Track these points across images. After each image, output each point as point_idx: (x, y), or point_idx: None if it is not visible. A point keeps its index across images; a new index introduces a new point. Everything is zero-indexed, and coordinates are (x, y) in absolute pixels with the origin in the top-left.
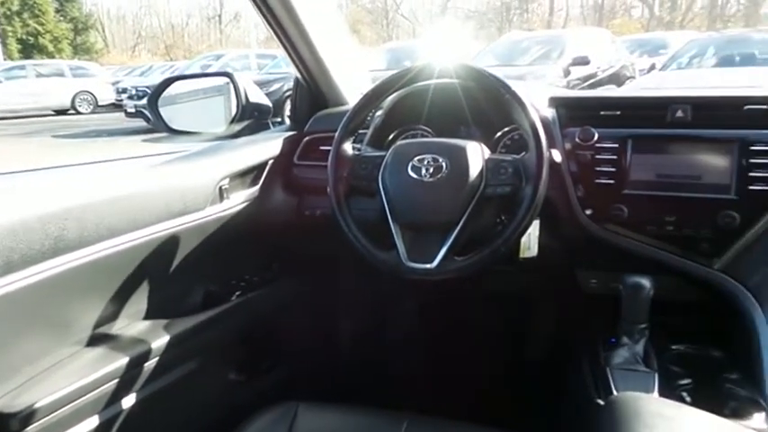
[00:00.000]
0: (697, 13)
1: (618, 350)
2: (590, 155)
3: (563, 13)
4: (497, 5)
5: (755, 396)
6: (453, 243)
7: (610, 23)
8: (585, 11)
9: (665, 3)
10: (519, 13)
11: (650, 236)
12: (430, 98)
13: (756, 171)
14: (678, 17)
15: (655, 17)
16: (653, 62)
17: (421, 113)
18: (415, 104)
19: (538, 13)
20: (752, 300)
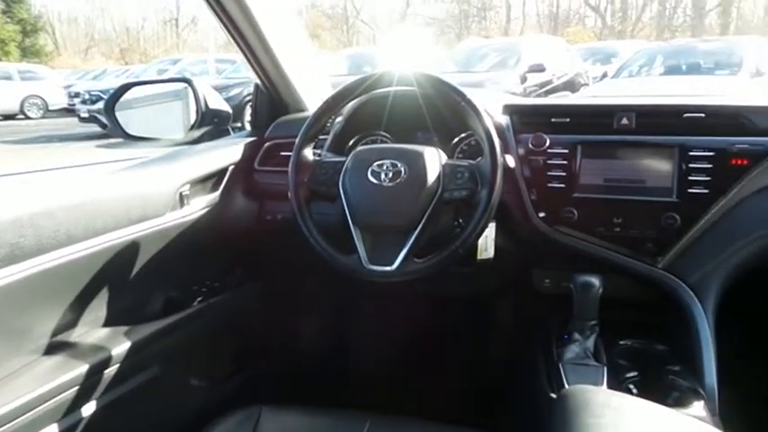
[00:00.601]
0: (646, 23)
1: (570, 346)
2: (542, 160)
3: (520, 21)
4: (456, 13)
5: (695, 386)
6: (413, 246)
7: (565, 32)
8: (541, 19)
9: (616, 13)
10: (477, 21)
11: (599, 237)
12: (389, 105)
13: (694, 175)
14: (629, 27)
15: (607, 26)
16: (605, 70)
17: (380, 120)
18: (375, 111)
19: (495, 21)
20: (692, 296)
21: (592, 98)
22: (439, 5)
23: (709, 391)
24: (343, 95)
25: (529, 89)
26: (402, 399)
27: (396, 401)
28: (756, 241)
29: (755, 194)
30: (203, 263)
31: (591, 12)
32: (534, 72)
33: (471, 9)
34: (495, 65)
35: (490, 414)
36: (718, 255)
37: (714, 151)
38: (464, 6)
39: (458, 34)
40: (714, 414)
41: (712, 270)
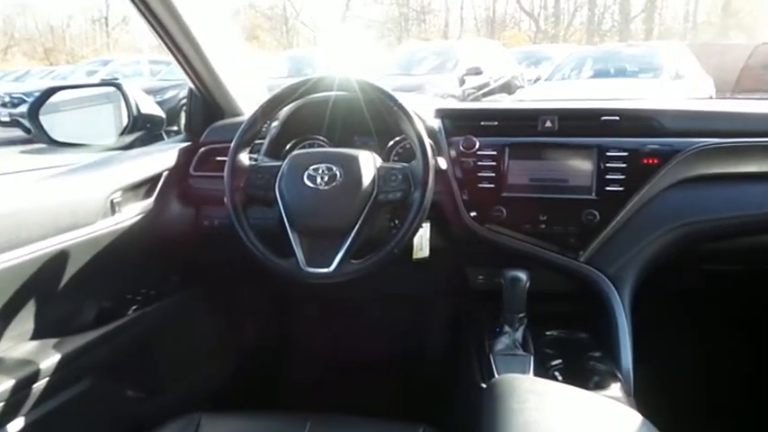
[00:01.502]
0: (577, 28)
1: (500, 338)
2: (473, 162)
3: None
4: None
5: (613, 369)
6: (349, 247)
7: (501, 35)
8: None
9: (549, 17)
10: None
11: (526, 233)
12: (325, 109)
13: (611, 174)
14: (561, 31)
15: (541, 30)
16: (539, 73)
17: (317, 124)
18: (312, 115)
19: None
20: (611, 287)
21: (518, 102)
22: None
23: (625, 374)
24: (279, 100)
25: (467, 91)
26: (344, 398)
27: (338, 401)
28: (667, 234)
29: (665, 191)
30: (138, 271)
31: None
32: (472, 75)
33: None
34: (435, 68)
35: (429, 407)
36: (634, 247)
37: (628, 151)
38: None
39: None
40: (629, 394)
41: (628, 262)
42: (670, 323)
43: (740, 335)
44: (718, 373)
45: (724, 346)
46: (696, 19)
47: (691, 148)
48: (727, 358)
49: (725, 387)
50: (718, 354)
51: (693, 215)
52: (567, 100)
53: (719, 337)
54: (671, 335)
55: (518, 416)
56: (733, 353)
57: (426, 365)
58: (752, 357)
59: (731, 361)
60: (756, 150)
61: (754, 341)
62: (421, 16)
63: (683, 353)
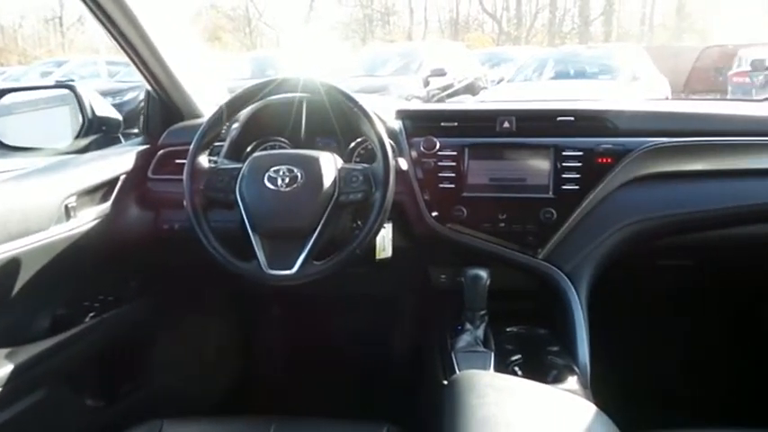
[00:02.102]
0: (539, 30)
1: (462, 335)
2: (433, 162)
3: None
4: (360, 17)
5: (571, 364)
6: (312, 249)
7: (465, 37)
8: (443, 25)
9: (511, 19)
10: (381, 25)
11: (486, 232)
12: (286, 111)
13: (567, 173)
14: (523, 33)
15: (503, 32)
16: (502, 74)
17: (278, 125)
18: (273, 117)
19: (399, 25)
20: (568, 283)
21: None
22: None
23: (582, 367)
24: (239, 101)
25: (432, 92)
26: (309, 399)
27: (303, 402)
28: (621, 231)
29: (619, 189)
30: (95, 277)
31: (488, 18)
32: (436, 76)
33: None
34: (399, 69)
35: (394, 406)
36: (589, 245)
37: (583, 151)
38: (367, 11)
39: (362, 38)
40: (586, 387)
41: (585, 259)
42: (626, 317)
43: (693, 327)
44: (671, 365)
45: (678, 339)
46: (652, 22)
47: (642, 148)
48: (680, 350)
49: (679, 378)
50: (672, 346)
51: (646, 212)
52: (525, 101)
53: (673, 330)
54: (627, 328)
55: (477, 411)
56: (687, 344)
57: (391, 365)
58: (705, 348)
59: (685, 352)
60: (704, 149)
61: (707, 333)
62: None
63: (639, 345)
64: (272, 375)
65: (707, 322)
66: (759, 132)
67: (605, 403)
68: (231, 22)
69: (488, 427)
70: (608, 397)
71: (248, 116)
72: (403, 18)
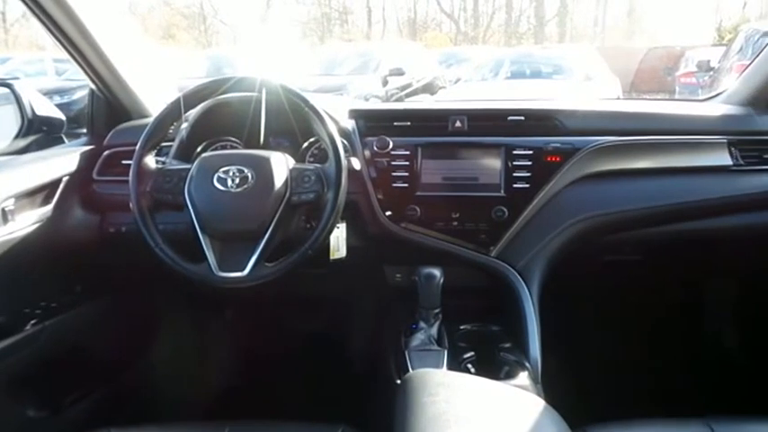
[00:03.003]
0: (496, 30)
1: (416, 334)
2: (386, 162)
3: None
4: (318, 16)
5: (522, 359)
6: (263, 250)
7: (423, 36)
8: (401, 24)
9: (468, 20)
10: (339, 24)
11: (440, 231)
12: (237, 110)
13: (518, 172)
14: (480, 33)
15: (461, 32)
16: (460, 74)
17: (229, 125)
18: (223, 116)
19: (357, 25)
20: (520, 280)
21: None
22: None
23: (533, 363)
24: (187, 100)
25: (390, 92)
26: (264, 402)
27: (258, 405)
28: (570, 228)
29: (568, 187)
30: (36, 283)
31: (446, 18)
32: (394, 75)
33: (333, 12)
34: (357, 68)
35: (349, 407)
36: (540, 242)
37: (532, 150)
38: (325, 10)
39: (321, 37)
40: (537, 382)
41: (536, 255)
42: (576, 312)
43: (641, 321)
44: (620, 358)
45: (627, 333)
46: (605, 23)
47: (589, 147)
48: (629, 344)
49: (627, 371)
50: (621, 340)
51: (594, 209)
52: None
53: (622, 325)
54: (577, 323)
55: (428, 409)
56: (634, 338)
57: (346, 365)
58: (652, 342)
59: (633, 346)
60: (649, 148)
61: (654, 327)
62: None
63: (588, 340)
64: (227, 378)
65: (654, 317)
66: (701, 131)
67: (555, 397)
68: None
69: (438, 424)
70: (558, 391)
71: (198, 115)
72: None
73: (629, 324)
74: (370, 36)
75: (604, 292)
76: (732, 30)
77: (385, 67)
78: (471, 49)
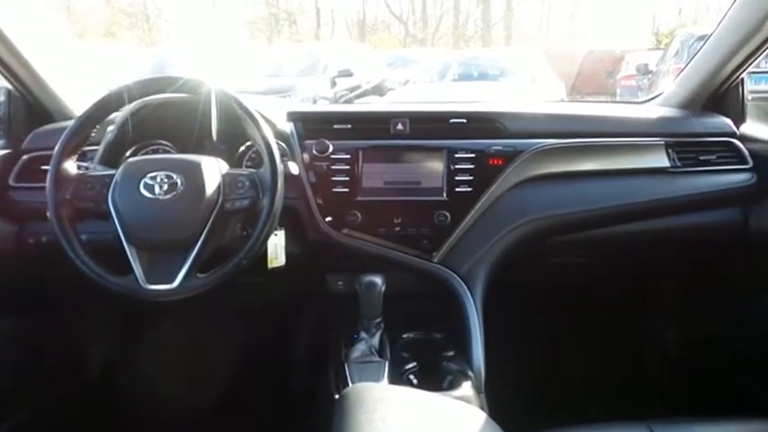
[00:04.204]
0: (444, 33)
1: (357, 345)
2: (326, 166)
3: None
4: (266, 15)
5: (465, 368)
6: (195, 260)
7: (372, 38)
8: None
9: (417, 22)
10: (288, 25)
11: (382, 237)
12: (170, 112)
13: (460, 175)
14: (429, 35)
15: (410, 34)
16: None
17: (161, 128)
18: (154, 119)
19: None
20: (463, 286)
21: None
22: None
23: (477, 372)
24: (111, 102)
25: (339, 93)
26: (199, 418)
27: (194, 423)
28: (514, 231)
29: (511, 190)
30: None
31: (395, 20)
32: (343, 77)
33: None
34: (305, 69)
35: (288, 423)
36: (484, 246)
37: (475, 153)
38: (273, 10)
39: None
40: (480, 392)
41: (479, 260)
42: (521, 317)
43: (586, 324)
44: (565, 362)
45: (571, 336)
46: (549, 26)
47: (532, 149)
48: (574, 347)
49: (573, 375)
50: (566, 343)
51: (537, 212)
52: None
53: (566, 328)
54: (522, 327)
55: (365, 427)
56: (580, 342)
57: (287, 379)
58: (597, 346)
59: (578, 349)
60: (592, 150)
61: (600, 330)
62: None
63: (533, 344)
64: (161, 394)
65: (598, 319)
66: (640, 133)
67: (499, 404)
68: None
69: None
70: (502, 398)
71: (126, 117)
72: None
73: (573, 327)
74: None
75: (549, 295)
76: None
77: (333, 69)
78: (420, 51)
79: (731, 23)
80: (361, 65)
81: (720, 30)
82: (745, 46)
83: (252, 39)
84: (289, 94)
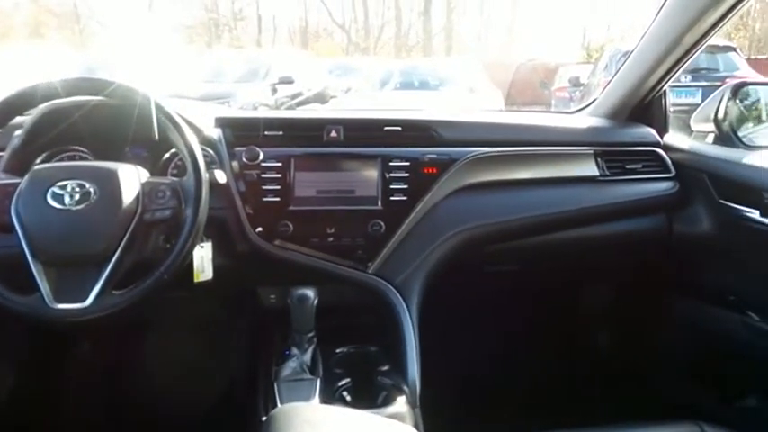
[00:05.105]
0: (386, 42)
1: (287, 362)
2: (256, 174)
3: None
4: (205, 20)
5: (400, 382)
6: (110, 276)
7: (314, 46)
8: (292, 33)
9: (360, 31)
10: (228, 30)
11: (315, 248)
12: (85, 116)
13: (395, 184)
14: (371, 44)
15: (352, 42)
16: (351, 84)
17: (77, 134)
18: (69, 123)
19: (247, 32)
20: (398, 297)
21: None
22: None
23: (412, 385)
24: (17, 103)
25: (280, 100)
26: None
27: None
28: (449, 240)
29: (446, 199)
30: None
31: (338, 28)
32: (284, 84)
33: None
34: (245, 76)
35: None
36: (419, 256)
37: (409, 161)
38: (213, 15)
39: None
40: (415, 406)
41: (414, 270)
42: (457, 328)
43: (521, 332)
44: (504, 373)
45: (507, 344)
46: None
47: (466, 158)
48: (510, 355)
49: (509, 383)
50: (502, 351)
51: (472, 221)
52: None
53: (502, 336)
54: (458, 338)
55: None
56: (515, 350)
57: (214, 399)
58: (533, 354)
59: (514, 358)
60: (524, 158)
61: (535, 338)
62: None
63: (471, 355)
64: (76, 420)
65: (533, 327)
66: (570, 142)
67: (435, 419)
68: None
69: None
70: (438, 412)
71: (35, 121)
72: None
73: (509, 336)
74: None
75: (484, 304)
76: (599, 49)
77: (274, 75)
78: (362, 59)
79: (652, 38)
80: (303, 72)
81: (642, 44)
82: (666, 60)
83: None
84: (227, 100)
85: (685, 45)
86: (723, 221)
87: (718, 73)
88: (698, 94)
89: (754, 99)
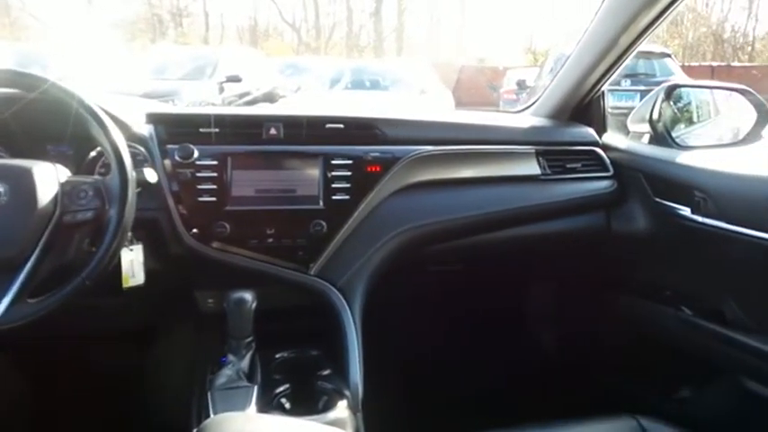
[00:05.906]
0: (337, 42)
1: (223, 369)
2: (190, 173)
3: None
4: (149, 16)
5: (341, 387)
6: (25, 282)
7: (264, 45)
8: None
9: (310, 30)
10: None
11: (253, 249)
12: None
13: (337, 183)
14: (322, 44)
15: (303, 42)
16: (301, 83)
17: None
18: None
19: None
20: (341, 298)
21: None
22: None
23: (353, 389)
24: None
25: (227, 99)
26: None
27: None
28: (392, 240)
29: (389, 197)
30: None
31: (288, 27)
32: (231, 82)
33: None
34: (191, 73)
35: None
36: (362, 256)
37: (352, 159)
38: (157, 10)
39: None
40: (357, 411)
41: (357, 271)
42: (400, 329)
43: (466, 331)
44: (448, 373)
45: (453, 343)
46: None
47: (409, 156)
48: (456, 357)
49: (455, 388)
50: (448, 353)
51: (415, 220)
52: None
53: (449, 337)
54: (402, 338)
55: None
56: (461, 349)
57: (146, 412)
58: (479, 352)
59: (459, 357)
60: (468, 157)
61: (480, 336)
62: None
63: (414, 355)
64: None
65: (478, 325)
66: (513, 141)
67: (378, 423)
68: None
69: None
70: (381, 416)
71: None
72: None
73: (454, 335)
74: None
75: (429, 304)
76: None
77: (222, 74)
78: (313, 59)
79: (590, 40)
80: (252, 71)
81: (581, 46)
82: (603, 61)
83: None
84: (172, 98)
85: (621, 46)
86: (658, 218)
87: (654, 78)
88: (636, 98)
89: (686, 101)
